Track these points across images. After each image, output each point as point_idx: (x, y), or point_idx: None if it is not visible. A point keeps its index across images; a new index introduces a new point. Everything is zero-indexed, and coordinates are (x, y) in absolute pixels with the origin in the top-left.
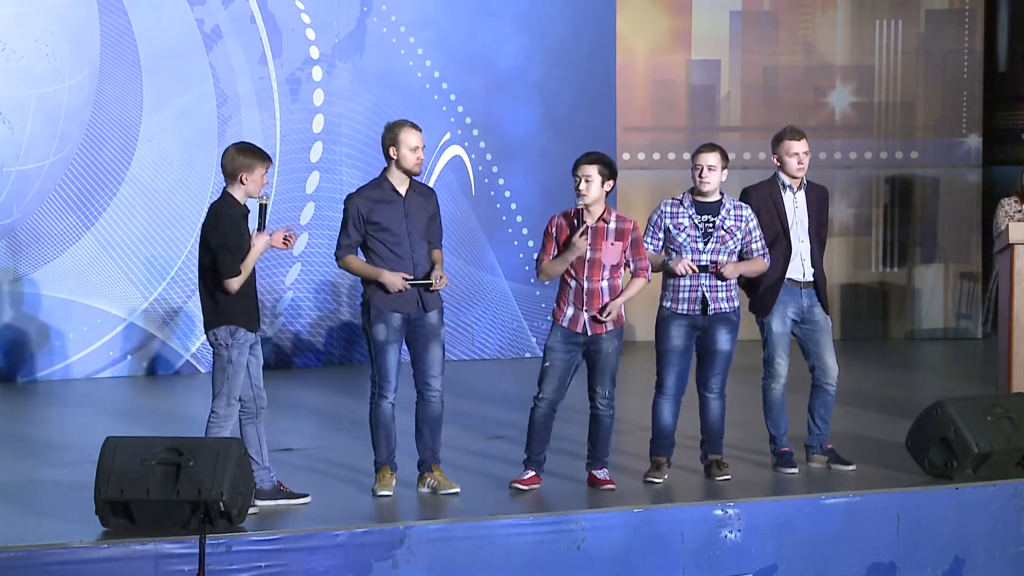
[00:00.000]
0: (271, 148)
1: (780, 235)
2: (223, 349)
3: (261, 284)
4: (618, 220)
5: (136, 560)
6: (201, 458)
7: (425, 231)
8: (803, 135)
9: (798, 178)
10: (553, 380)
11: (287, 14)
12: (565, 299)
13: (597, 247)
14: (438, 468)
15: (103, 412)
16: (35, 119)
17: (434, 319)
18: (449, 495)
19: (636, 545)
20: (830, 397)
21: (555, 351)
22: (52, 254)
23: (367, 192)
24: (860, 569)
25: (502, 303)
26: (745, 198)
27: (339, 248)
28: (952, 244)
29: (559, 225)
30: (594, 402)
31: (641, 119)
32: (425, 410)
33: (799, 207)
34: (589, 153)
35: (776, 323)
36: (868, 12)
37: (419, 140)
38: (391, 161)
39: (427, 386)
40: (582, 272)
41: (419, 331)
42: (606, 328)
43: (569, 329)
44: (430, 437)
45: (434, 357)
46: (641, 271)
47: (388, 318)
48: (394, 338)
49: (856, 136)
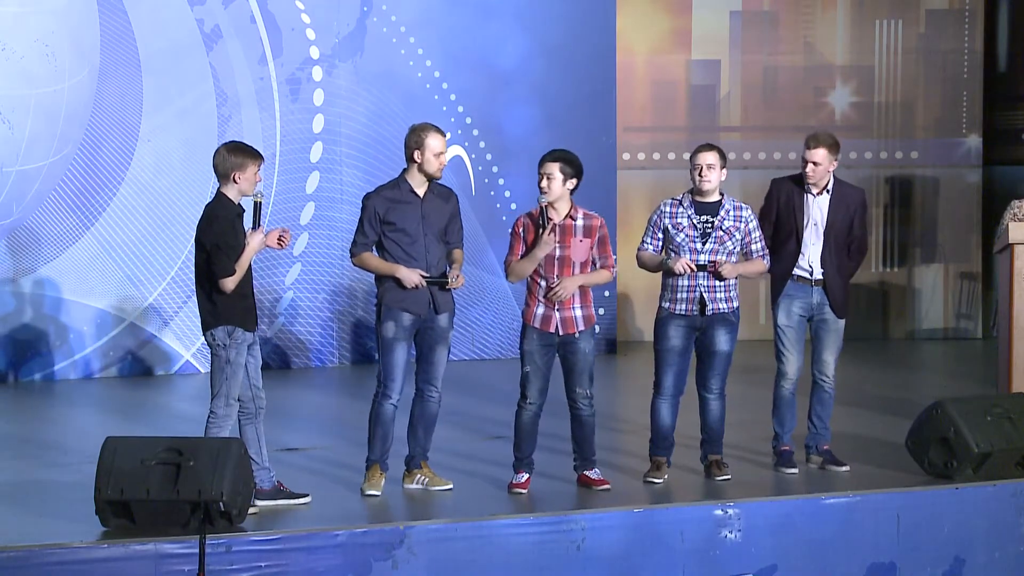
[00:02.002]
0: (271, 148)
1: (792, 233)
2: (221, 349)
3: (260, 284)
4: (585, 217)
5: (136, 560)
6: (201, 458)
7: (443, 233)
8: (820, 144)
9: (811, 183)
10: (536, 383)
11: (287, 14)
12: (534, 298)
13: (566, 244)
14: (427, 465)
15: (103, 412)
16: (35, 119)
17: (444, 322)
18: (443, 491)
19: (636, 545)
20: (827, 395)
21: (533, 354)
22: (52, 254)
23: (385, 192)
24: (860, 569)
25: (502, 303)
26: (771, 188)
27: (355, 245)
28: (952, 244)
29: (525, 225)
30: (575, 403)
31: (641, 119)
32: (423, 409)
33: (819, 209)
34: (554, 151)
35: (781, 315)
36: (868, 12)
37: (443, 145)
38: (413, 163)
39: (429, 387)
40: (552, 270)
41: (428, 333)
42: (577, 327)
43: (542, 329)
44: (423, 435)
45: (439, 360)
46: (608, 268)
47: (398, 316)
48: (402, 337)
49: (856, 136)
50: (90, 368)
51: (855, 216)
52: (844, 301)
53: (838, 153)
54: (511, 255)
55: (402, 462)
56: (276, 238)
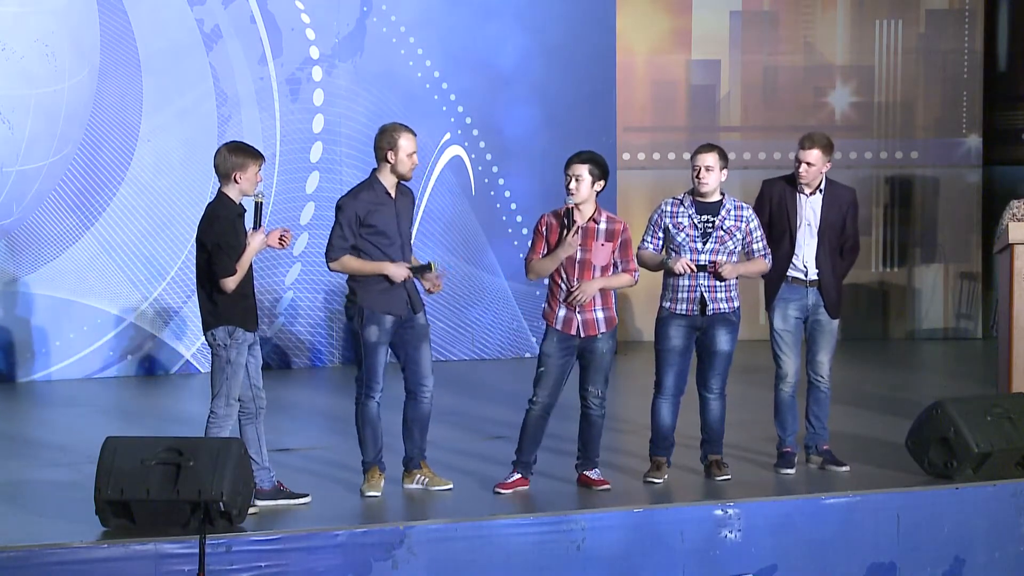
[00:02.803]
0: (271, 148)
1: (786, 233)
2: (222, 349)
3: (260, 284)
4: (608, 221)
5: (136, 560)
6: (201, 458)
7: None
8: (815, 145)
9: (804, 183)
10: (548, 384)
11: (287, 14)
12: (556, 300)
13: (587, 247)
14: (426, 465)
15: (103, 412)
16: (35, 119)
17: (422, 320)
18: (443, 491)
19: (636, 545)
20: (822, 395)
21: (551, 356)
22: (52, 254)
23: (362, 195)
24: (860, 569)
25: (502, 303)
26: (762, 190)
27: (333, 250)
28: (952, 244)
29: (549, 224)
30: (586, 402)
31: (641, 119)
32: (417, 409)
33: (812, 209)
34: (581, 152)
35: (777, 318)
36: (868, 12)
37: (415, 146)
38: (385, 164)
39: (421, 387)
40: (572, 273)
41: (409, 332)
42: (599, 329)
43: (563, 332)
44: (419, 435)
45: (425, 358)
46: (629, 272)
47: (380, 320)
48: (384, 339)
49: (856, 136)
50: (90, 368)
51: (847, 215)
52: (838, 302)
53: (832, 154)
54: (533, 253)
55: (399, 461)
56: (277, 238)
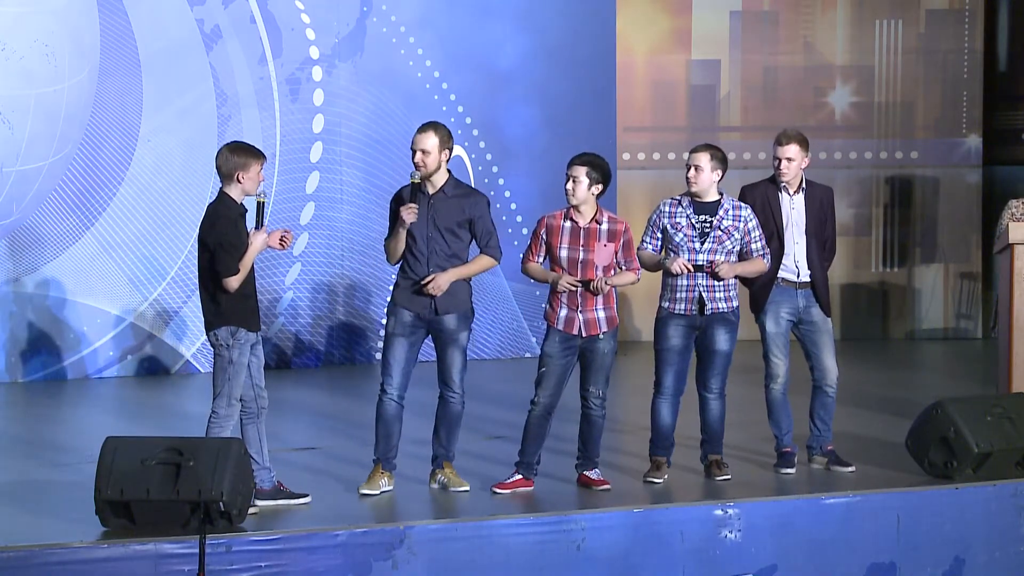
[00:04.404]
0: (271, 148)
1: (774, 235)
2: (224, 349)
3: (260, 284)
4: (610, 221)
5: (136, 560)
6: (201, 458)
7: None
8: (792, 140)
9: (785, 181)
10: (550, 385)
11: (287, 14)
12: (558, 301)
13: (590, 248)
14: (450, 465)
15: (103, 412)
16: (35, 119)
17: (451, 323)
18: (459, 492)
19: (636, 545)
20: (830, 399)
21: (553, 357)
22: (52, 254)
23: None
24: (860, 569)
25: (502, 303)
26: (743, 196)
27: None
28: (952, 244)
29: (549, 226)
30: (587, 402)
31: (641, 119)
32: (444, 410)
33: (796, 208)
34: (583, 154)
35: (770, 322)
36: (868, 12)
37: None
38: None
39: (446, 389)
40: (575, 274)
41: (438, 336)
42: (600, 329)
43: (565, 332)
44: (445, 436)
45: (451, 362)
46: (633, 271)
47: (399, 313)
48: (401, 333)
49: (856, 136)
50: (90, 368)
51: (828, 214)
52: (828, 299)
53: (808, 150)
54: (529, 254)
55: (413, 461)
56: (278, 238)
